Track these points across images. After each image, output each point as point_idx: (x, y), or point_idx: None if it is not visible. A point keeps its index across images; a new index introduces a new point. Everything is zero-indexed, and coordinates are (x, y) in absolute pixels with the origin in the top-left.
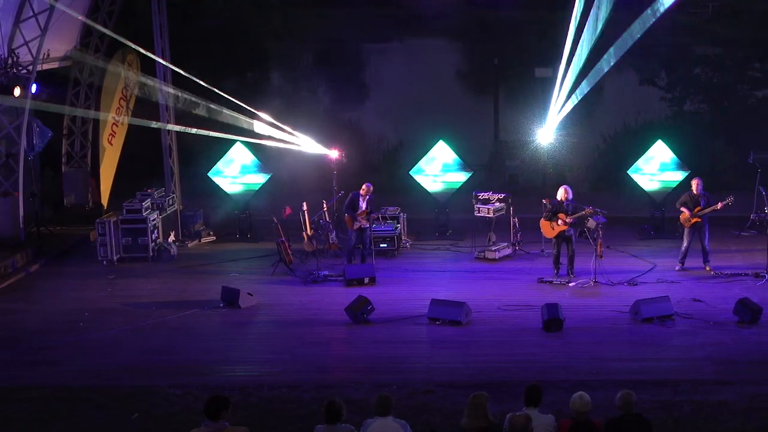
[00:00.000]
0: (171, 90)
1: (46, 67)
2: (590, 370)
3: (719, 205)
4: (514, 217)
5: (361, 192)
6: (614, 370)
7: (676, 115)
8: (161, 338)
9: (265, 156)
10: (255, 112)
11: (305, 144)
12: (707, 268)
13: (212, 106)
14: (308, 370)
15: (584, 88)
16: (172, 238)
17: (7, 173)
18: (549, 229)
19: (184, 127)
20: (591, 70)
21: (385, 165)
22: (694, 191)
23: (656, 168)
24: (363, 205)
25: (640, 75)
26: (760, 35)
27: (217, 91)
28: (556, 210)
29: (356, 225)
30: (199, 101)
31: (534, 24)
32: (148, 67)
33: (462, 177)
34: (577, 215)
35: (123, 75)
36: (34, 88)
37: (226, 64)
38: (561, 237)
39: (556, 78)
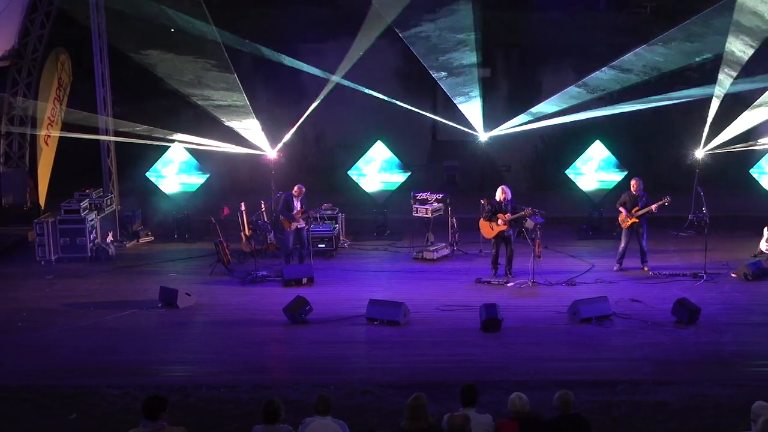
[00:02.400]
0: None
1: None
2: (528, 370)
3: (654, 207)
4: (452, 218)
5: (294, 193)
6: (552, 371)
7: (614, 115)
8: (100, 338)
9: (203, 156)
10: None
11: (243, 144)
12: (645, 269)
13: None
14: (246, 371)
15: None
16: (110, 238)
17: None
18: (488, 229)
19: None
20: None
21: (323, 165)
22: (633, 191)
23: (594, 168)
24: (297, 206)
25: (578, 75)
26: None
27: None
28: (495, 210)
29: (293, 225)
30: None
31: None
32: (87, 68)
33: (400, 177)
34: (516, 215)
35: (56, 75)
36: None
37: (163, 65)
38: (500, 237)
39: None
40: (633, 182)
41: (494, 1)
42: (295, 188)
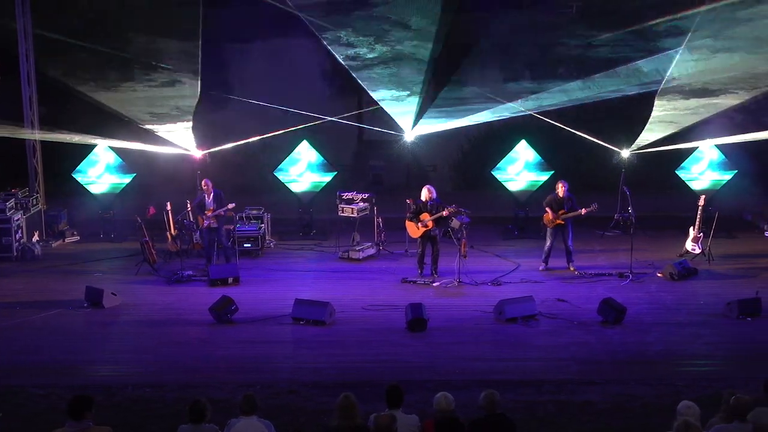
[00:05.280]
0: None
1: None
2: (454, 370)
3: (582, 212)
4: (378, 217)
5: (203, 189)
6: (478, 370)
7: (541, 114)
8: (25, 338)
9: (128, 156)
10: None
11: (169, 144)
12: (571, 268)
13: None
14: (172, 370)
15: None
16: (36, 237)
17: None
18: (414, 228)
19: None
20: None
21: (249, 165)
22: (560, 194)
23: (520, 168)
24: (209, 203)
25: (504, 74)
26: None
27: None
28: (419, 210)
29: (205, 223)
30: None
31: (398, 24)
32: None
33: (326, 177)
34: (436, 215)
35: None
36: None
37: (90, 65)
38: (426, 236)
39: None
40: (559, 185)
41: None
42: (202, 183)
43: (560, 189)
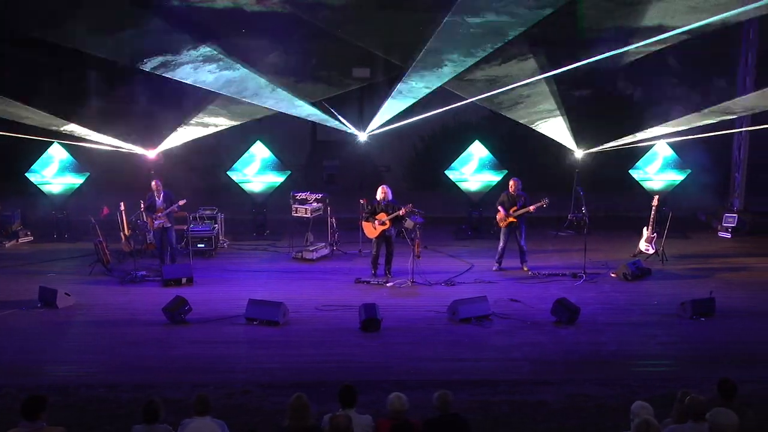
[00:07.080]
0: None
1: None
2: (407, 370)
3: (532, 208)
4: (331, 218)
5: (153, 188)
6: (432, 370)
7: (494, 115)
8: None
9: (82, 155)
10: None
11: (122, 144)
12: (524, 268)
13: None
14: (126, 370)
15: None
16: None
17: None
18: (371, 229)
19: None
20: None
21: (203, 165)
22: (512, 191)
23: (474, 168)
24: (159, 203)
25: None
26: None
27: None
28: (375, 210)
29: (156, 225)
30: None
31: (353, 24)
32: None
33: (279, 177)
34: (396, 214)
35: None
36: None
37: (43, 65)
38: (381, 236)
39: (374, 78)
40: (511, 182)
41: (375, 1)
42: (153, 184)
43: (512, 186)
